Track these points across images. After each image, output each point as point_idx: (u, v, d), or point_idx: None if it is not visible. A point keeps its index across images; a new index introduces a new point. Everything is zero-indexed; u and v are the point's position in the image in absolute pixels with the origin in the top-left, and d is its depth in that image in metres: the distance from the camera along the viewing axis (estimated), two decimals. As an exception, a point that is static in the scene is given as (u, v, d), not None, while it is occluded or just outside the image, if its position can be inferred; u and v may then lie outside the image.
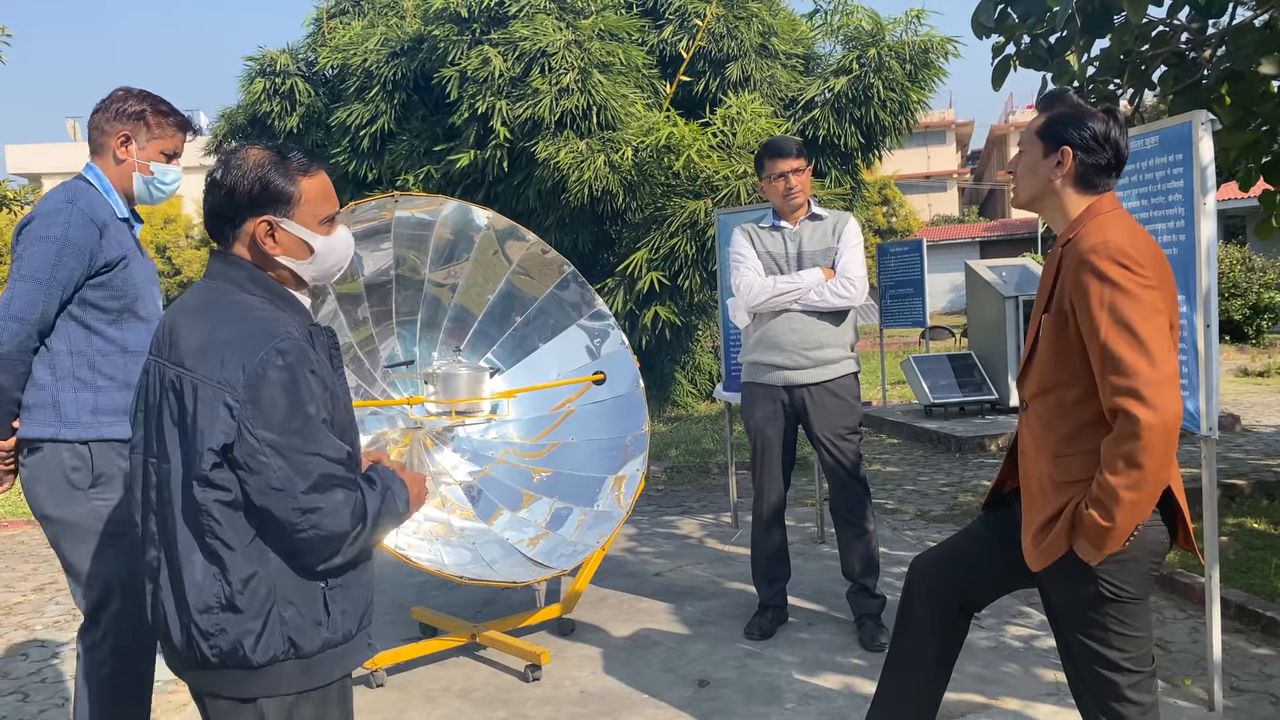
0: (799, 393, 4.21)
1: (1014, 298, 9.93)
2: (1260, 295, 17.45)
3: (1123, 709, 2.35)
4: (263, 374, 1.76)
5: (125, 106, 2.83)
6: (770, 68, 10.08)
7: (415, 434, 4.51)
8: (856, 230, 4.27)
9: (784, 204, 4.26)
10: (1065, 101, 2.41)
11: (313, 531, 1.78)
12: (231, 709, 1.87)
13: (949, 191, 43.91)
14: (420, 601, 4.89)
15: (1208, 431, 3.32)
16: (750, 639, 4.25)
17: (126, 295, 2.78)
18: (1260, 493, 6.46)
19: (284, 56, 10.52)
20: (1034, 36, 5.13)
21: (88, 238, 2.68)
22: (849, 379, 4.26)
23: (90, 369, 2.73)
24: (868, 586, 4.25)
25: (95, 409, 2.72)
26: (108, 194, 2.81)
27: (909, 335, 20.83)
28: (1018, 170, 2.45)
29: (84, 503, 2.72)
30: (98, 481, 2.72)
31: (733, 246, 4.36)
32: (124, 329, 2.78)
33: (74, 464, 2.70)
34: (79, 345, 2.72)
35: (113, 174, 2.84)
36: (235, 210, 1.92)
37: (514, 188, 9.61)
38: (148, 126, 2.85)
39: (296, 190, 1.94)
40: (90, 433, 2.71)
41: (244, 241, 1.94)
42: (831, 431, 4.20)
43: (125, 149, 2.83)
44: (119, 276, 2.75)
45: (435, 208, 4.44)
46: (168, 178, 2.91)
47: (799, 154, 4.23)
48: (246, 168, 1.92)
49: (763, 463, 4.32)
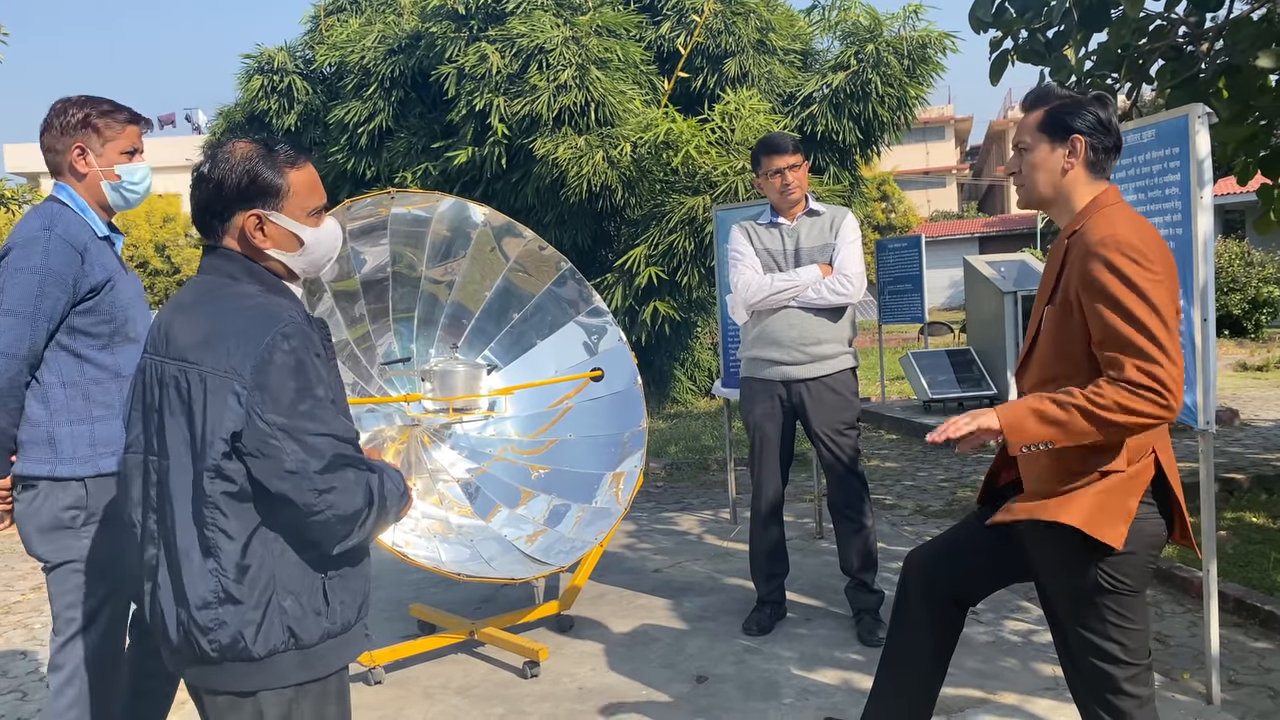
0: (797, 388, 4.21)
1: (1013, 293, 9.93)
2: (1259, 290, 17.46)
3: (1120, 702, 2.35)
4: (269, 359, 1.77)
5: (68, 119, 2.69)
6: (768, 63, 10.06)
7: (412, 431, 4.51)
8: (854, 226, 4.27)
9: (781, 200, 4.25)
10: (1057, 94, 2.41)
11: (330, 512, 1.79)
12: (230, 705, 1.87)
13: (948, 187, 43.87)
14: (418, 599, 4.89)
15: (1205, 425, 3.32)
16: (748, 634, 4.25)
17: (116, 318, 2.68)
18: (1259, 487, 6.46)
19: (281, 54, 10.50)
20: (1031, 31, 5.13)
21: (69, 264, 2.57)
22: (847, 374, 4.25)
23: (85, 400, 2.63)
24: (866, 582, 4.25)
25: (92, 441, 2.63)
26: (84, 213, 2.69)
27: (908, 331, 20.84)
28: (1023, 170, 2.43)
29: (74, 540, 2.63)
30: (90, 520, 2.63)
31: (730, 244, 4.36)
32: (116, 353, 2.68)
33: (68, 503, 2.61)
34: (71, 376, 2.63)
35: (81, 189, 2.72)
36: (224, 204, 1.92)
37: (512, 185, 9.59)
38: (97, 131, 2.71)
39: (285, 183, 1.94)
40: (88, 468, 2.62)
41: (233, 235, 1.94)
42: (829, 427, 4.20)
43: (84, 160, 2.70)
44: (106, 300, 2.65)
45: (432, 204, 4.43)
46: (136, 176, 2.77)
47: (795, 150, 4.22)
48: (234, 161, 1.91)
49: (761, 458, 4.32)
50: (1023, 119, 2.46)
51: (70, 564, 2.63)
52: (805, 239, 4.24)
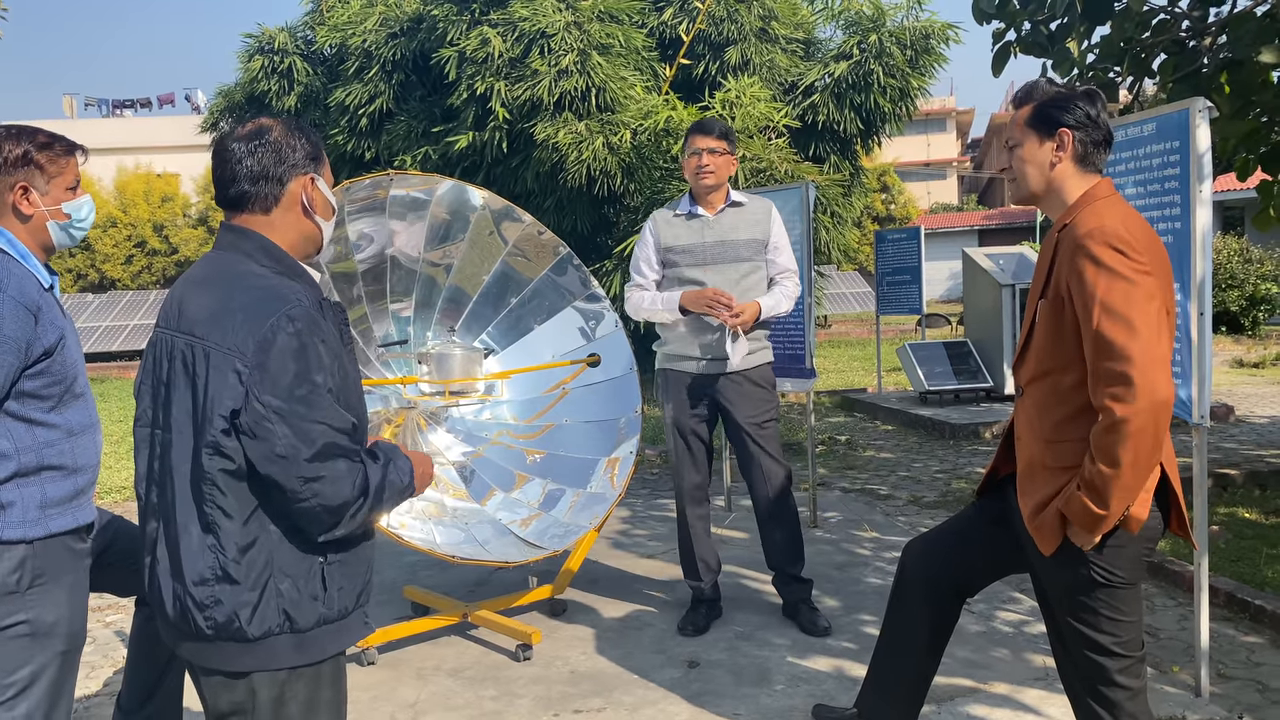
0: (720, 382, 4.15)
1: (1011, 286, 9.93)
2: (1257, 287, 17.48)
3: (1111, 693, 2.36)
4: (272, 339, 1.77)
5: (5, 155, 2.42)
6: (770, 52, 10.05)
7: (409, 414, 4.51)
8: (780, 220, 4.23)
9: (695, 183, 4.11)
10: (1045, 89, 2.41)
11: (315, 500, 1.78)
12: (224, 684, 1.87)
13: (949, 180, 43.81)
14: (413, 581, 4.90)
15: (1200, 420, 3.33)
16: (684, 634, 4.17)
17: (65, 378, 2.45)
18: (1252, 483, 6.48)
19: (283, 35, 10.49)
20: (1035, 23, 5.12)
21: (23, 329, 2.31)
22: (765, 368, 4.22)
23: (38, 464, 2.41)
24: (796, 574, 4.25)
25: (43, 504, 2.41)
26: (25, 260, 2.42)
27: (905, 322, 20.83)
28: (1014, 166, 2.44)
29: (16, 602, 2.40)
30: (35, 583, 2.42)
31: (637, 246, 4.27)
32: (65, 412, 2.46)
33: (9, 567, 2.38)
34: (24, 443, 2.38)
35: (23, 233, 2.45)
36: (285, 168, 1.94)
37: (512, 169, 9.59)
38: (40, 168, 2.45)
39: (322, 152, 2.02)
40: (37, 530, 2.41)
41: (288, 203, 1.96)
42: (752, 420, 4.15)
43: (27, 200, 2.44)
44: (58, 361, 2.42)
45: (430, 187, 4.43)
46: (82, 213, 2.54)
47: (721, 137, 4.07)
48: (281, 132, 1.95)
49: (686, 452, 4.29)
50: (1013, 115, 2.46)
51: (12, 628, 2.41)
52: (732, 231, 4.12)
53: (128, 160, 29.42)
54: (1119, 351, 2.12)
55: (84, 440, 2.50)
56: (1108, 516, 2.19)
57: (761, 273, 4.17)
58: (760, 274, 4.16)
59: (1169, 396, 2.12)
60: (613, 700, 3.56)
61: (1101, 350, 2.15)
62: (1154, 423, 2.11)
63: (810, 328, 5.39)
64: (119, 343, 20.58)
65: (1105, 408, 2.14)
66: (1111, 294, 2.14)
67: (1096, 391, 2.17)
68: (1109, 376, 2.13)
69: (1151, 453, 2.15)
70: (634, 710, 3.47)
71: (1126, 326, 2.12)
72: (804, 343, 5.42)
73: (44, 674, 2.45)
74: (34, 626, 2.42)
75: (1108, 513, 2.18)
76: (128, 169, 28.90)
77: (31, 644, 2.42)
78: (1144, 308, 2.13)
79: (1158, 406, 2.10)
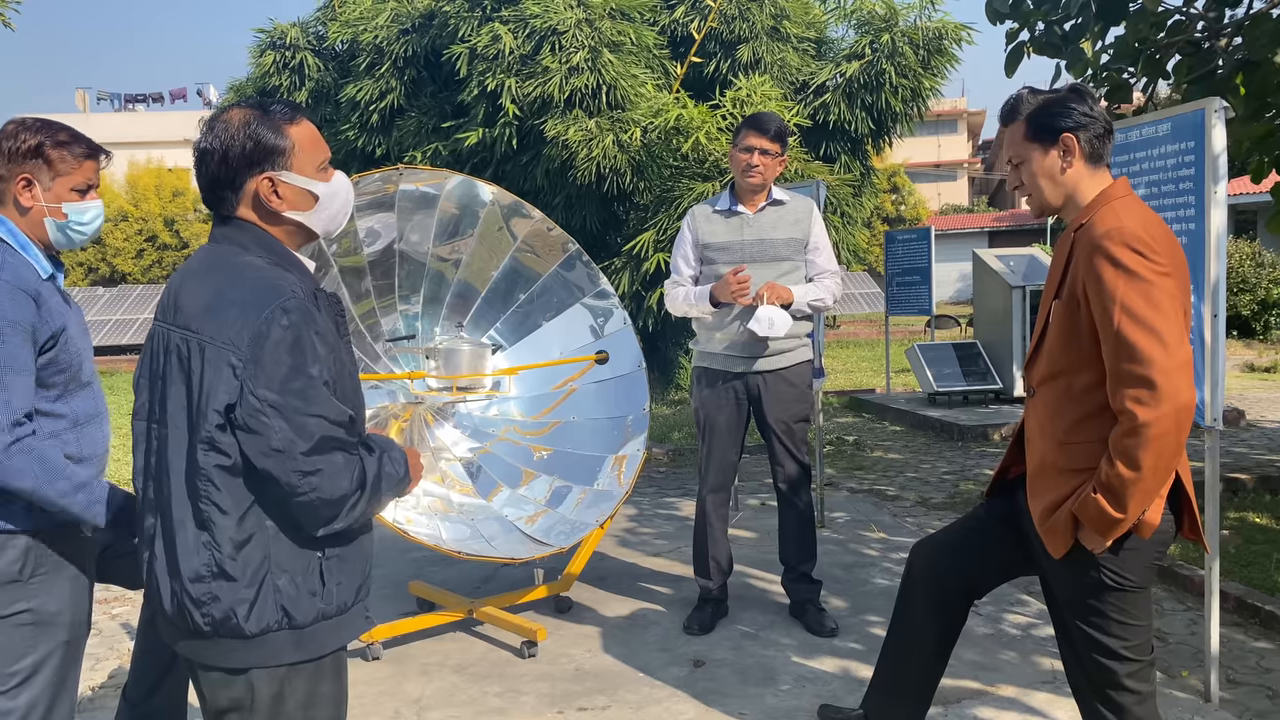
0: (754, 380, 4.15)
1: (1021, 287, 9.89)
2: (1269, 291, 17.39)
3: (1120, 697, 2.34)
4: (266, 333, 1.75)
5: (18, 144, 2.41)
6: (781, 51, 10.00)
7: (416, 409, 4.51)
8: (821, 219, 4.21)
9: (741, 179, 4.06)
10: (1027, 100, 2.39)
11: (313, 494, 1.76)
12: (223, 681, 1.86)
13: (959, 181, 43.72)
14: (418, 576, 4.90)
15: (1212, 423, 3.30)
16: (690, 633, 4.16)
17: (70, 366, 2.45)
18: (1263, 488, 6.44)
19: (294, 30, 10.48)
20: (1048, 23, 5.08)
21: (24, 313, 2.30)
22: (801, 367, 4.21)
23: None
24: (806, 573, 4.25)
25: None
26: (25, 250, 2.41)
27: (915, 324, 20.79)
28: (1025, 183, 2.42)
29: (20, 591, 2.41)
30: (37, 572, 2.42)
31: (676, 242, 4.24)
32: (71, 401, 2.46)
33: (13, 556, 2.38)
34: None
35: (23, 224, 2.44)
36: (233, 173, 1.89)
37: (522, 166, 9.57)
38: (49, 163, 2.44)
39: (288, 141, 1.92)
40: (41, 519, 2.40)
41: (247, 203, 1.92)
42: (784, 419, 4.16)
43: (29, 193, 2.42)
44: (64, 351, 2.42)
45: (440, 181, 4.42)
46: (85, 217, 2.50)
47: (776, 138, 4.01)
48: (234, 128, 1.88)
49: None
50: (1006, 134, 2.43)
51: (14, 616, 2.41)
52: (772, 230, 4.09)
53: (139, 155, 29.56)
54: (1141, 355, 2.09)
55: (90, 429, 2.49)
56: (1124, 520, 2.17)
57: (800, 273, 4.15)
58: (799, 274, 4.15)
59: (1191, 401, 2.10)
60: (617, 698, 3.55)
61: (1122, 353, 2.12)
62: (1176, 427, 2.09)
63: (820, 328, 5.37)
64: (129, 336, 20.64)
65: (1127, 411, 2.11)
66: (1131, 296, 2.12)
67: (1117, 395, 2.15)
68: (1131, 380, 2.11)
69: (1173, 457, 2.13)
70: (639, 708, 3.46)
71: (1148, 329, 2.10)
72: (813, 343, 5.40)
73: (47, 663, 2.45)
74: (37, 615, 2.42)
75: (1124, 516, 2.16)
76: (139, 163, 29.01)
77: (35, 633, 2.43)
78: (1165, 310, 2.11)
79: (1180, 411, 2.08)
